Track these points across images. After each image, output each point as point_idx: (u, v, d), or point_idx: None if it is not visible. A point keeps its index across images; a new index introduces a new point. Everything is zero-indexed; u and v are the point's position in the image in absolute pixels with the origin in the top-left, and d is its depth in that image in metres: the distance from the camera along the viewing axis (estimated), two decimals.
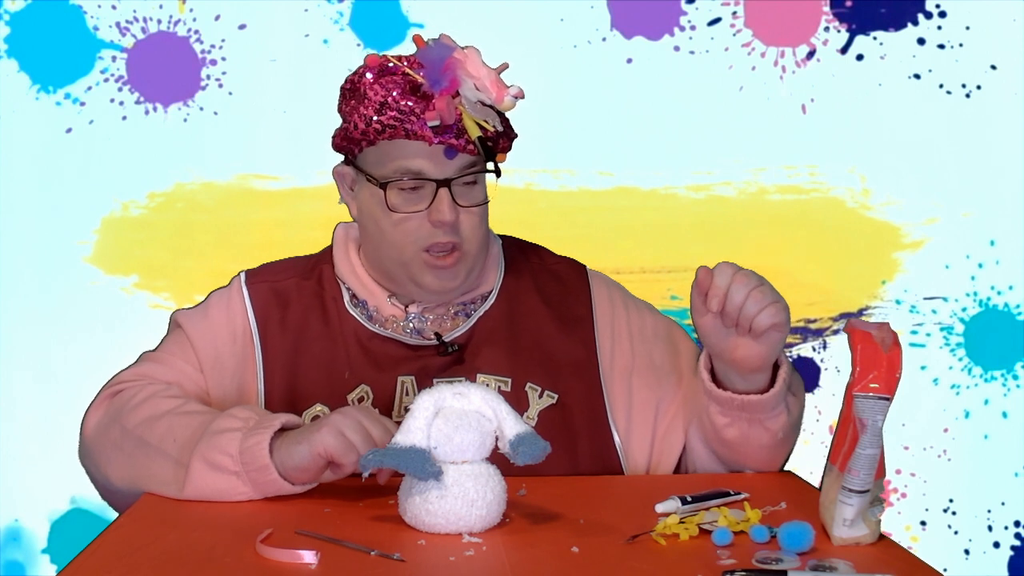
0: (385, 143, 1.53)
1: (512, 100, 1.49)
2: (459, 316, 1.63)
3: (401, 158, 1.53)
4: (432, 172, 1.52)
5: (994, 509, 2.65)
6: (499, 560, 1.20)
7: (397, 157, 1.53)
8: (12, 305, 2.56)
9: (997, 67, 2.63)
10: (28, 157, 2.56)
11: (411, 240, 1.55)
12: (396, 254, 1.57)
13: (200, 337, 1.63)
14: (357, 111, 1.53)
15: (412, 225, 1.54)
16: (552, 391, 1.59)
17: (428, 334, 1.60)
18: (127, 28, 2.56)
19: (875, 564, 1.20)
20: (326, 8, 2.57)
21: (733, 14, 2.62)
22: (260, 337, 1.62)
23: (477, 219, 1.57)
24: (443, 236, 1.54)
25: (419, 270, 1.56)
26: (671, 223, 2.63)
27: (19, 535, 2.57)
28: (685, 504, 1.35)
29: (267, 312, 1.63)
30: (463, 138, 1.51)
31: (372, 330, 1.60)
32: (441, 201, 1.52)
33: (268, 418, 1.43)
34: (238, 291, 1.65)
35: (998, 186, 2.64)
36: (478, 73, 1.49)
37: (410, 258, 1.56)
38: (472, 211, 1.56)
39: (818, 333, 2.64)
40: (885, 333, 1.26)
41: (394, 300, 1.63)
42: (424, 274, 1.56)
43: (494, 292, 1.65)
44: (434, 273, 1.56)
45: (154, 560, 1.20)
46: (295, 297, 1.64)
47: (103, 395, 1.62)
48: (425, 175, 1.52)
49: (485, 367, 1.59)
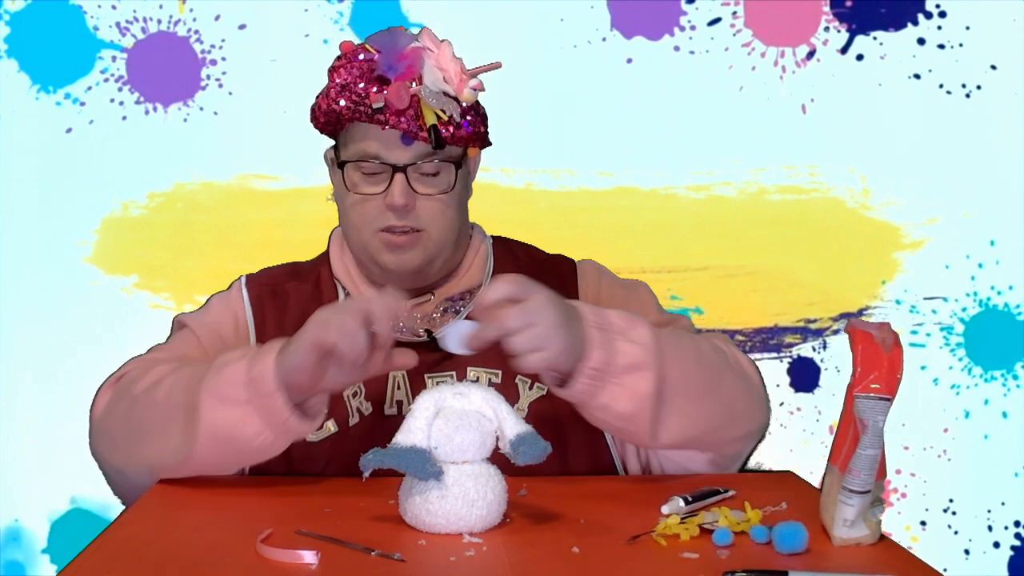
0: (351, 127, 1.58)
1: (472, 92, 1.53)
2: (448, 313, 1.65)
3: (361, 141, 1.58)
4: (388, 157, 1.57)
5: (994, 509, 2.65)
6: (500, 560, 1.20)
7: (359, 140, 1.58)
8: (12, 305, 2.56)
9: (997, 67, 2.62)
10: (28, 157, 2.56)
11: (368, 221, 1.59)
12: (356, 234, 1.62)
13: (205, 331, 1.67)
14: (323, 93, 1.59)
15: (370, 207, 1.59)
16: (542, 383, 1.60)
17: (418, 331, 1.63)
18: (127, 28, 2.56)
19: (875, 564, 1.20)
20: (326, 8, 2.57)
21: (733, 14, 2.62)
22: (257, 336, 1.65)
23: (439, 206, 1.59)
24: (396, 220, 1.57)
25: (377, 250, 1.60)
26: (671, 223, 2.63)
27: (19, 535, 2.57)
28: (688, 504, 1.35)
29: (264, 313, 1.67)
30: (417, 125, 1.54)
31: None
32: (395, 185, 1.56)
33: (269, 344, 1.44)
34: (237, 292, 1.70)
35: (998, 186, 2.64)
36: (446, 65, 1.53)
37: (368, 238, 1.60)
38: (434, 198, 1.59)
39: (818, 333, 2.64)
40: (886, 333, 1.26)
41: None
42: (381, 253, 1.60)
43: (483, 287, 1.66)
44: (391, 252, 1.59)
45: (154, 560, 1.20)
46: (293, 299, 1.68)
47: (109, 380, 1.64)
48: (383, 159, 1.57)
49: (474, 360, 1.60)
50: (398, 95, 1.52)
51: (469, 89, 1.53)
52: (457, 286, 1.67)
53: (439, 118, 1.54)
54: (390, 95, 1.52)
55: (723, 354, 1.59)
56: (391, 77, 1.53)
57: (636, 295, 1.73)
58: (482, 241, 1.72)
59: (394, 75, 1.53)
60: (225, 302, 1.70)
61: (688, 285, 2.63)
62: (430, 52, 1.54)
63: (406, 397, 1.60)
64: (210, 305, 1.71)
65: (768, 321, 2.63)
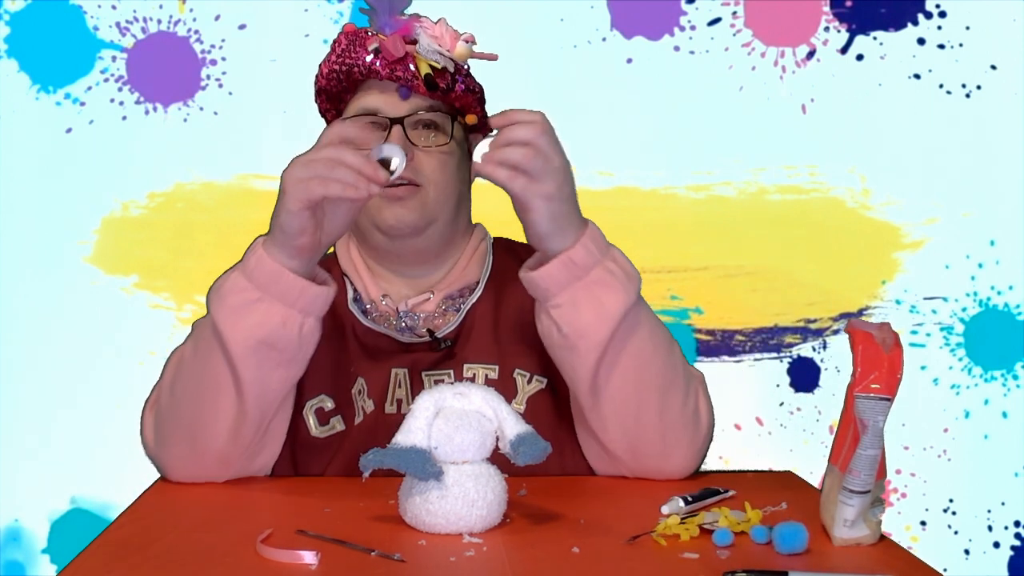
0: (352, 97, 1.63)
1: (464, 45, 1.57)
2: (449, 312, 1.66)
3: (361, 98, 1.62)
4: (386, 110, 1.60)
5: (994, 509, 2.65)
6: (500, 560, 1.20)
7: (358, 98, 1.62)
8: (12, 305, 2.56)
9: (997, 67, 2.62)
10: (28, 157, 2.56)
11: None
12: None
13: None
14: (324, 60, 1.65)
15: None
16: (541, 376, 1.62)
17: (420, 331, 1.64)
18: (127, 28, 2.56)
19: (875, 564, 1.20)
20: (326, 8, 2.57)
21: (733, 14, 2.62)
22: None
23: (437, 161, 1.62)
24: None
25: (376, 208, 1.61)
26: (671, 223, 2.63)
27: (19, 535, 2.57)
28: (688, 504, 1.35)
29: None
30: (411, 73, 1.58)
31: (367, 326, 1.65)
32: (392, 137, 1.58)
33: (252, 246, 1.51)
34: None
35: (998, 186, 2.64)
36: (440, 33, 1.58)
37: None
38: (432, 152, 1.62)
39: (818, 333, 2.64)
40: (886, 333, 1.26)
41: (387, 300, 1.67)
42: (381, 210, 1.61)
43: (481, 284, 1.69)
44: (390, 206, 1.60)
45: (154, 560, 1.20)
46: None
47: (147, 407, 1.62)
48: (380, 112, 1.60)
49: (472, 357, 1.63)
50: (394, 44, 1.56)
51: (462, 42, 1.57)
52: (456, 284, 1.68)
53: (434, 69, 1.58)
54: (385, 43, 1.57)
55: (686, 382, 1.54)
56: (387, 33, 1.58)
57: None
58: (482, 239, 1.73)
59: (390, 31, 1.58)
60: None
61: (688, 285, 2.63)
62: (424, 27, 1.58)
63: (406, 395, 1.61)
64: None
65: (768, 321, 2.63)
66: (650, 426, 1.50)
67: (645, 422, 1.50)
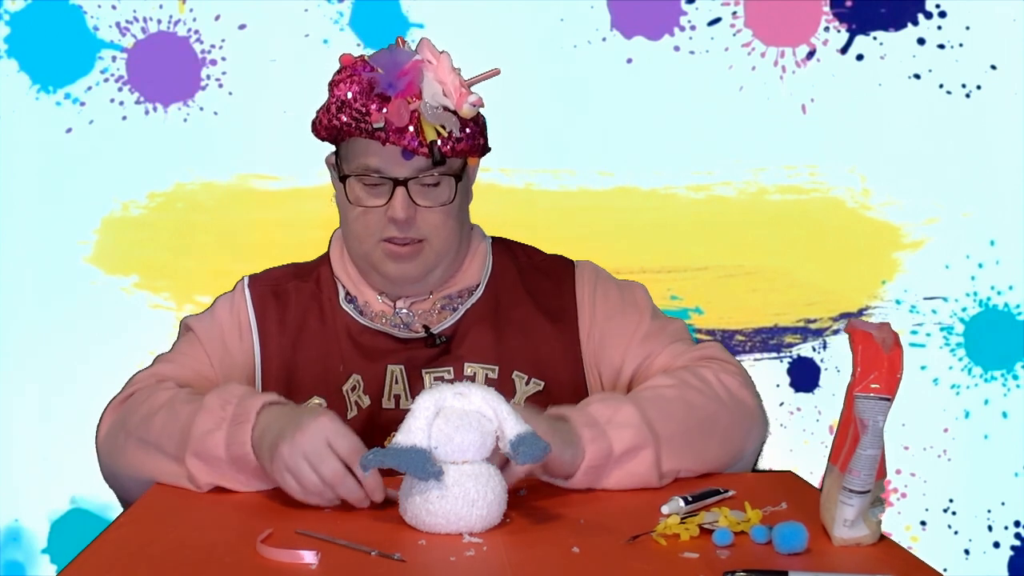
0: (352, 141, 1.60)
1: (471, 107, 1.54)
2: (446, 310, 1.68)
3: (363, 155, 1.59)
4: (390, 170, 1.58)
5: (994, 509, 2.65)
6: (500, 560, 1.20)
7: (360, 154, 1.60)
8: (12, 305, 2.56)
9: (997, 67, 2.62)
10: (28, 157, 2.56)
11: (370, 232, 1.61)
12: (358, 245, 1.64)
13: (209, 337, 1.69)
14: (324, 108, 1.60)
15: (372, 219, 1.61)
16: (539, 379, 1.64)
17: (416, 327, 1.65)
18: (127, 28, 2.56)
19: (875, 564, 1.20)
20: (326, 8, 2.57)
21: (733, 14, 2.62)
22: (259, 335, 1.68)
23: (440, 217, 1.61)
24: (398, 232, 1.59)
25: (379, 259, 1.62)
26: (671, 223, 2.63)
27: (19, 535, 2.57)
28: (687, 504, 1.35)
29: (266, 312, 1.70)
30: (417, 140, 1.55)
31: (363, 324, 1.67)
32: (396, 199, 1.58)
33: (245, 407, 1.44)
34: (241, 293, 1.73)
35: (998, 186, 2.64)
36: (444, 79, 1.54)
37: (370, 249, 1.62)
38: (435, 209, 1.60)
39: (818, 333, 2.64)
40: (886, 333, 1.26)
41: (384, 298, 1.68)
42: (384, 263, 1.62)
43: (481, 286, 1.70)
44: (394, 261, 1.62)
45: (154, 560, 1.21)
46: (294, 298, 1.71)
47: (115, 401, 1.66)
48: (383, 173, 1.58)
49: (471, 356, 1.64)
50: (398, 113, 1.53)
51: (468, 105, 1.53)
52: (455, 285, 1.69)
53: (439, 133, 1.55)
54: (390, 114, 1.53)
55: (711, 388, 1.57)
56: (391, 95, 1.54)
57: (631, 297, 1.73)
58: (480, 241, 1.74)
59: (394, 92, 1.54)
60: (229, 304, 1.72)
61: (688, 285, 2.63)
62: (429, 64, 1.54)
63: (404, 392, 1.62)
64: (215, 308, 1.73)
65: (768, 321, 2.63)
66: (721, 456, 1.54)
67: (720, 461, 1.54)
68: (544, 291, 1.71)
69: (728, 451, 1.55)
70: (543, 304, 1.70)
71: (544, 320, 1.68)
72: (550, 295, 1.71)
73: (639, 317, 1.69)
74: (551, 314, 1.69)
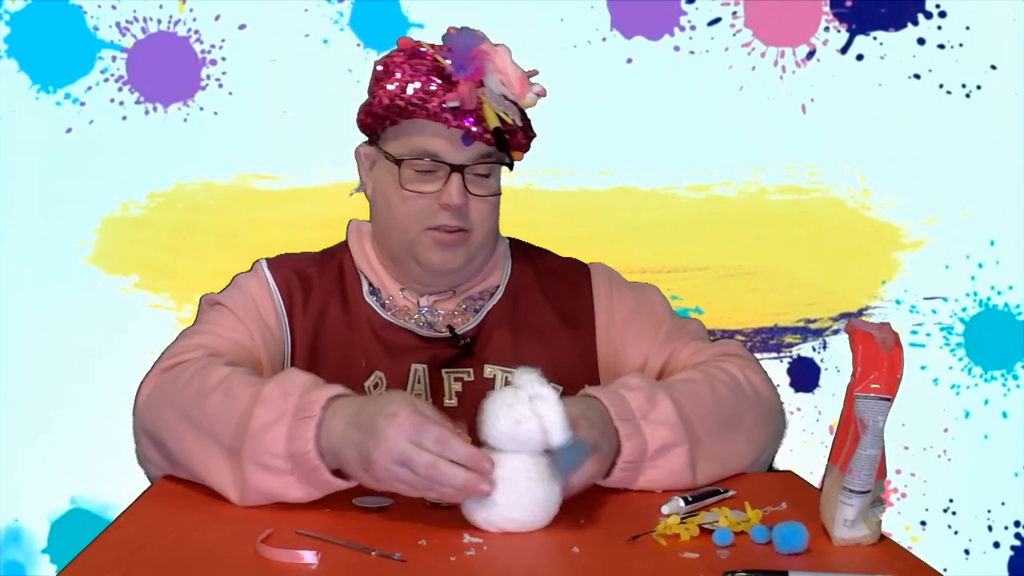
0: (406, 123, 1.57)
1: (534, 97, 1.54)
2: (468, 311, 1.67)
3: (420, 138, 1.57)
4: (448, 155, 1.57)
5: (994, 509, 2.65)
6: (500, 560, 1.20)
7: (416, 137, 1.57)
8: (12, 305, 2.56)
9: (997, 67, 2.62)
10: (28, 157, 2.56)
11: (418, 219, 1.59)
12: (401, 232, 1.61)
13: (243, 308, 1.63)
14: (383, 87, 1.57)
15: (421, 204, 1.58)
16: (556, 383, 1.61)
17: (440, 327, 1.65)
18: (127, 28, 2.56)
19: (875, 564, 1.20)
20: (326, 8, 2.57)
21: (733, 14, 2.62)
22: (287, 317, 1.64)
23: (487, 209, 1.61)
24: (449, 219, 1.58)
25: (423, 248, 1.60)
26: (671, 223, 2.63)
27: (19, 535, 2.57)
28: (688, 504, 1.35)
29: (291, 294, 1.66)
30: (481, 127, 1.54)
31: (386, 319, 1.65)
32: (452, 185, 1.56)
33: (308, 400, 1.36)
34: (262, 274, 1.68)
35: (998, 186, 2.64)
36: (505, 69, 1.53)
37: (415, 236, 1.60)
38: (483, 200, 1.60)
39: (818, 333, 2.64)
40: (886, 333, 1.26)
41: (406, 294, 1.67)
42: (429, 251, 1.60)
43: (501, 287, 1.70)
44: (439, 251, 1.60)
45: (154, 560, 1.20)
46: (316, 283, 1.68)
47: (157, 368, 1.56)
48: (441, 158, 1.57)
49: (492, 359, 1.64)
50: (470, 95, 1.52)
51: (532, 95, 1.53)
52: (478, 285, 1.70)
53: (502, 120, 1.54)
54: (463, 95, 1.52)
55: (739, 385, 1.57)
56: (460, 77, 1.53)
57: (647, 298, 1.73)
58: (501, 241, 1.74)
59: (464, 75, 1.53)
60: (255, 280, 1.66)
61: (688, 285, 2.63)
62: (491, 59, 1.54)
63: (425, 391, 1.62)
64: (239, 283, 1.67)
65: (768, 321, 2.63)
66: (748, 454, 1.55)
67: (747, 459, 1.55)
68: (560, 294, 1.71)
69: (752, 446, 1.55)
70: (559, 307, 1.70)
71: (561, 324, 1.68)
72: (566, 298, 1.71)
73: (659, 318, 1.70)
74: (567, 317, 1.69)
